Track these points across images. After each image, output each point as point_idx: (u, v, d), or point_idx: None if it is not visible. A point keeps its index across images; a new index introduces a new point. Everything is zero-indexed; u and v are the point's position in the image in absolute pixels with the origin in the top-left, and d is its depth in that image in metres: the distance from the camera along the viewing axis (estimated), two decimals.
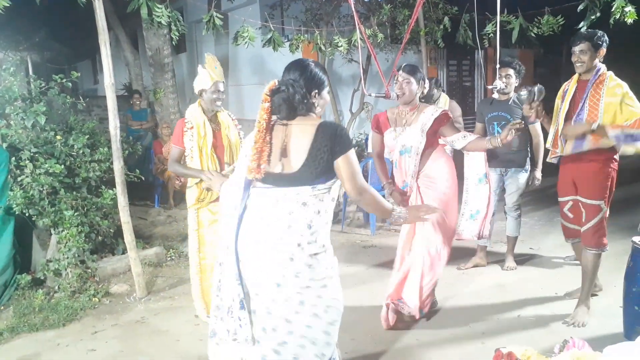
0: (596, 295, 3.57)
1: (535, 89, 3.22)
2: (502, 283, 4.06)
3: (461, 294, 3.85)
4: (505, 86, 4.09)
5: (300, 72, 2.06)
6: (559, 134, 3.27)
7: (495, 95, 4.17)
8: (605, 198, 3.19)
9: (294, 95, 2.01)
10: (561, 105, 3.28)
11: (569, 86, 3.28)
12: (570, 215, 3.41)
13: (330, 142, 1.96)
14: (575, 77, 3.27)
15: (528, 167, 4.24)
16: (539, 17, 5.51)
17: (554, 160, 3.46)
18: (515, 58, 4.28)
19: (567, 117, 3.21)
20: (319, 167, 1.97)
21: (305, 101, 2.04)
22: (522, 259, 4.49)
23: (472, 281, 4.12)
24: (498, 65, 4.11)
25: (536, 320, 3.36)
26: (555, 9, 5.51)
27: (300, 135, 2.01)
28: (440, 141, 3.37)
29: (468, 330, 3.29)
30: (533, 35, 5.57)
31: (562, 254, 4.49)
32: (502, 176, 4.29)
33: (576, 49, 3.16)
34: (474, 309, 3.60)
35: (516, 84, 4.13)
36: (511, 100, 4.09)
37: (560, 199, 3.46)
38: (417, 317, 3.31)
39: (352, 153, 2.00)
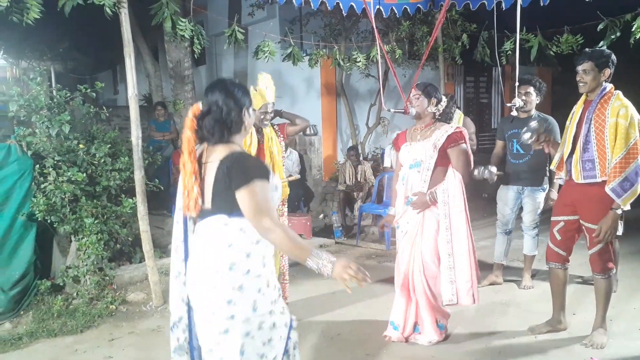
0: (564, 330, 3.43)
1: (532, 126, 3.24)
2: (519, 302, 4.03)
3: (477, 312, 3.82)
4: (525, 104, 4.09)
5: (228, 89, 1.94)
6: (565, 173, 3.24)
7: (514, 113, 4.17)
8: None
9: (228, 113, 1.91)
10: (568, 126, 3.23)
11: (576, 107, 3.23)
12: (558, 237, 3.32)
13: (228, 178, 1.82)
14: (583, 97, 3.20)
15: (546, 186, 4.21)
16: (558, 36, 5.52)
17: (560, 181, 3.43)
18: (534, 76, 4.28)
19: (575, 139, 3.16)
20: (227, 204, 1.84)
21: (239, 119, 1.94)
22: (540, 278, 4.44)
23: (489, 299, 4.08)
24: (517, 83, 4.12)
25: (554, 341, 3.32)
26: (574, 28, 5.51)
27: (209, 171, 1.89)
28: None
29: (484, 349, 3.26)
30: (552, 53, 5.57)
31: (581, 273, 4.44)
32: (519, 194, 4.26)
33: (579, 68, 3.10)
34: (491, 327, 3.57)
35: (537, 101, 4.12)
36: (532, 118, 4.08)
37: (552, 218, 3.38)
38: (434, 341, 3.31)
39: (254, 186, 1.79)
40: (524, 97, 4.07)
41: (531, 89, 4.07)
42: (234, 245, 1.85)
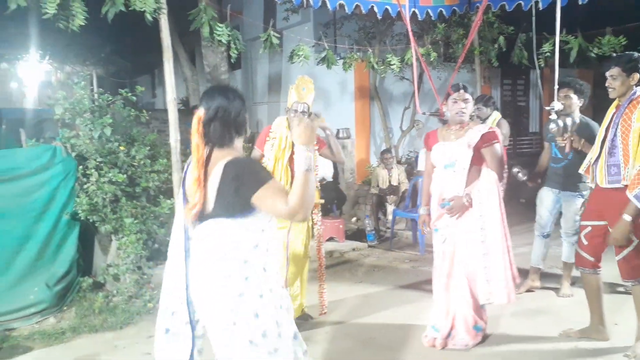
0: (605, 341, 3.31)
1: (568, 121, 3.18)
2: (558, 310, 3.93)
3: (515, 320, 3.75)
4: (564, 108, 3.99)
5: (230, 93, 2.00)
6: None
7: (553, 116, 4.07)
8: (637, 230, 3.01)
9: (237, 116, 1.96)
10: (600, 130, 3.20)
11: (609, 112, 3.19)
12: (585, 242, 3.29)
13: (238, 183, 1.84)
14: (615, 102, 3.17)
15: (585, 192, 4.07)
16: (600, 37, 5.37)
17: (592, 185, 3.35)
18: (575, 78, 4.18)
19: (602, 144, 3.12)
20: (230, 207, 1.87)
21: (244, 121, 2.00)
22: (580, 286, 4.30)
23: (527, 307, 3.99)
24: (557, 86, 4.02)
25: (594, 351, 3.23)
26: (617, 29, 5.35)
27: (213, 174, 1.90)
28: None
29: (520, 354, 3.20)
30: (593, 55, 5.42)
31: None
32: (557, 198, 4.17)
33: (607, 74, 3.08)
34: (528, 335, 3.49)
35: (580, 104, 4.01)
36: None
37: (580, 223, 3.37)
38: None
39: (267, 187, 1.83)
40: (563, 101, 3.98)
41: (571, 93, 3.97)
42: (239, 246, 1.90)
